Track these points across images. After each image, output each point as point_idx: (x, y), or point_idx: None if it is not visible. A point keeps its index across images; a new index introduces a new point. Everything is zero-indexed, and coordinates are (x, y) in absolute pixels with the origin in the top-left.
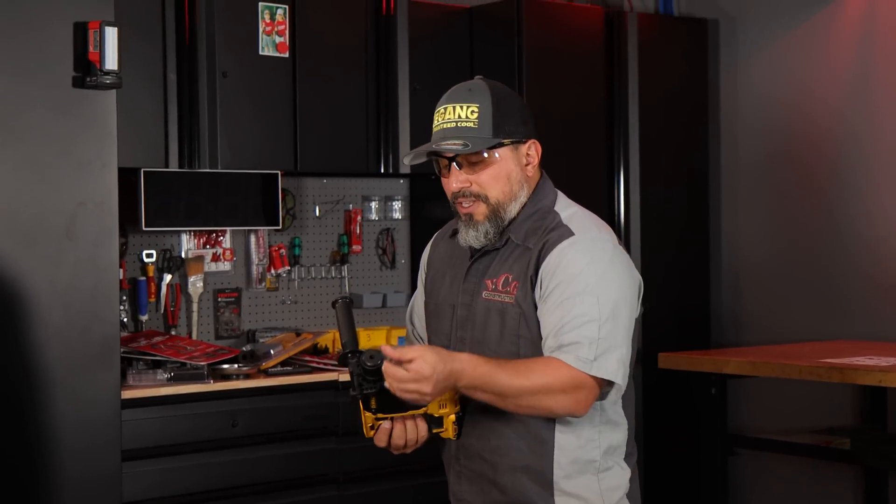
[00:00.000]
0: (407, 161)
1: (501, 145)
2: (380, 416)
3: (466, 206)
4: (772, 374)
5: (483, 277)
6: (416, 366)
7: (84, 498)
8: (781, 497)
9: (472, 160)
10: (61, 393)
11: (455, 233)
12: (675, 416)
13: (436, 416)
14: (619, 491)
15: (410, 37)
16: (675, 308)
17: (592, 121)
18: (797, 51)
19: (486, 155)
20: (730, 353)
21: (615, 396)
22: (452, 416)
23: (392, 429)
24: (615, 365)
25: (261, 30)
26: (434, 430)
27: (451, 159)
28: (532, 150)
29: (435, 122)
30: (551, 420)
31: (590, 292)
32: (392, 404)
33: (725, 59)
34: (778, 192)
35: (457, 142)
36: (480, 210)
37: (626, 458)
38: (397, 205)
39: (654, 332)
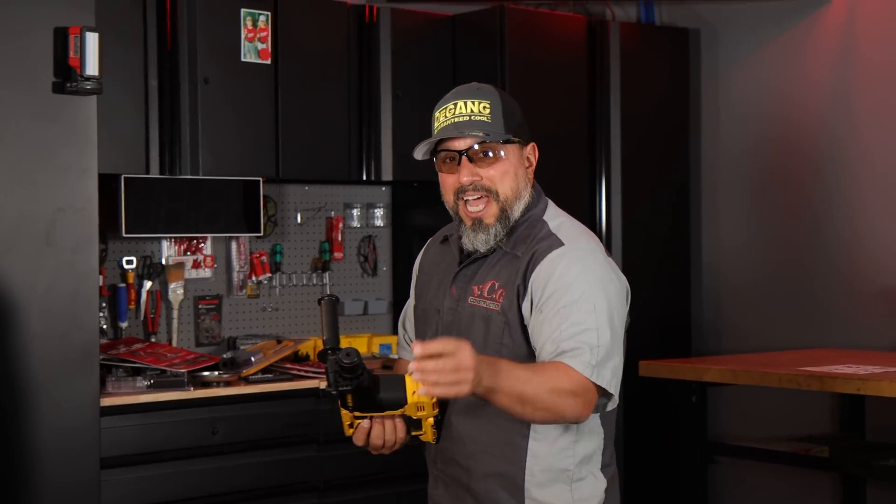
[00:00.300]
0: (419, 155)
1: (512, 142)
2: (357, 414)
3: (475, 207)
4: (751, 382)
5: (470, 283)
6: (461, 356)
7: None
8: None
9: (484, 154)
10: (40, 400)
11: (446, 239)
12: (655, 423)
13: (414, 418)
14: (592, 501)
15: (393, 44)
16: (656, 316)
17: (575, 130)
18: (778, 60)
19: (495, 154)
20: (710, 361)
21: (610, 407)
22: (431, 420)
23: (370, 428)
24: (610, 374)
25: (243, 36)
26: (413, 433)
27: (461, 153)
28: (532, 154)
29: (442, 118)
30: (526, 426)
31: (585, 300)
32: (368, 403)
33: (707, 68)
34: (759, 202)
35: (478, 131)
36: (491, 212)
37: (603, 469)
38: (379, 212)
39: (635, 341)
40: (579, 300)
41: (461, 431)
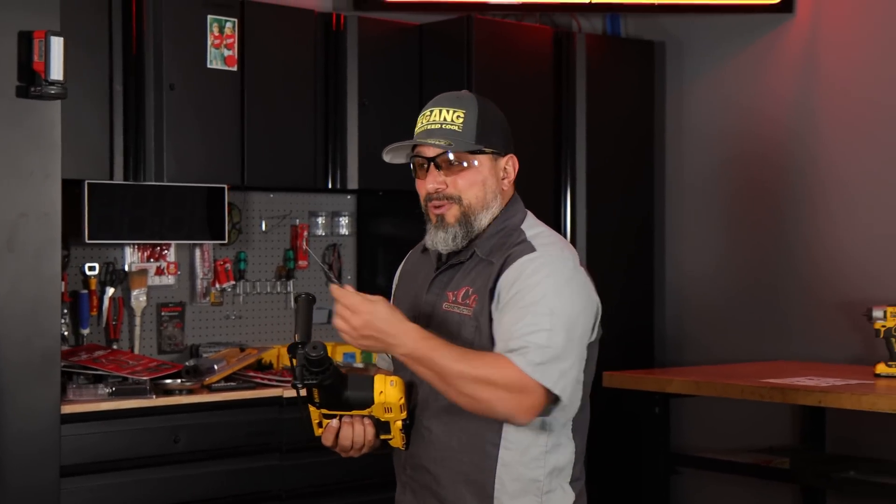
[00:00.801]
0: (387, 158)
1: (482, 152)
2: (325, 412)
3: (439, 206)
4: (714, 394)
5: (445, 289)
6: (361, 300)
7: None
8: None
9: (451, 162)
10: (0, 406)
11: (427, 248)
12: (618, 434)
13: (382, 420)
14: None
15: (360, 53)
16: (620, 328)
17: (541, 141)
18: (742, 74)
19: (452, 157)
20: (673, 372)
21: (562, 417)
22: (399, 423)
23: (339, 429)
24: (556, 375)
25: (209, 43)
26: (382, 437)
27: (430, 160)
28: (509, 166)
29: (419, 124)
30: (497, 435)
31: (545, 304)
32: (335, 401)
33: (672, 81)
34: (722, 216)
35: (441, 140)
36: (452, 212)
37: (572, 482)
38: (344, 220)
39: (599, 353)
40: (538, 302)
41: (432, 437)
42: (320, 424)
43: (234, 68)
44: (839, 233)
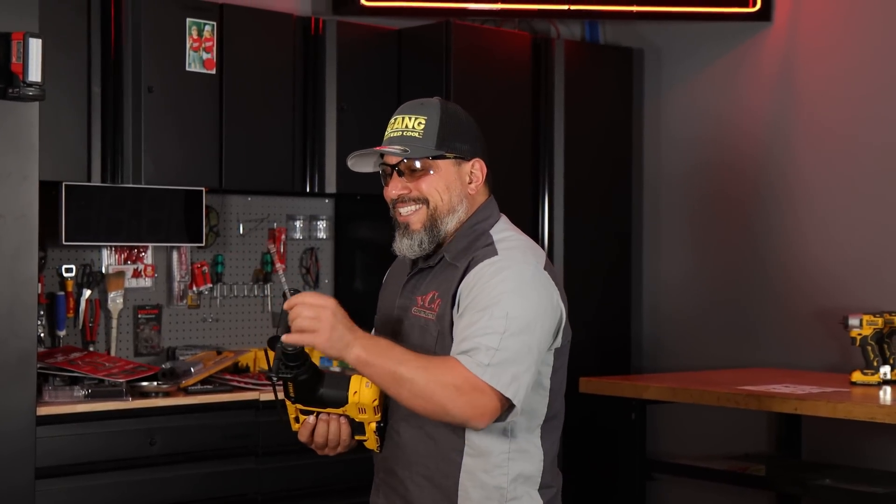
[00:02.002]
0: (350, 164)
1: (443, 157)
2: (301, 408)
3: (405, 212)
4: (690, 401)
5: (415, 294)
6: (324, 303)
7: None
8: None
9: (413, 168)
10: None
11: None
12: (594, 440)
13: (356, 420)
14: None
15: (339, 57)
16: (597, 334)
17: (518, 147)
18: (719, 82)
19: (417, 163)
20: (649, 378)
21: (524, 423)
22: (373, 425)
23: (315, 425)
24: (508, 378)
25: (188, 45)
26: (357, 437)
27: (393, 167)
28: (476, 169)
29: (385, 133)
30: (461, 441)
31: (500, 306)
32: (310, 397)
33: (650, 88)
34: (699, 224)
35: (398, 148)
36: (418, 218)
37: (542, 490)
38: (322, 224)
39: (575, 359)
40: (494, 305)
41: (401, 441)
42: (297, 420)
43: (213, 71)
44: (816, 241)
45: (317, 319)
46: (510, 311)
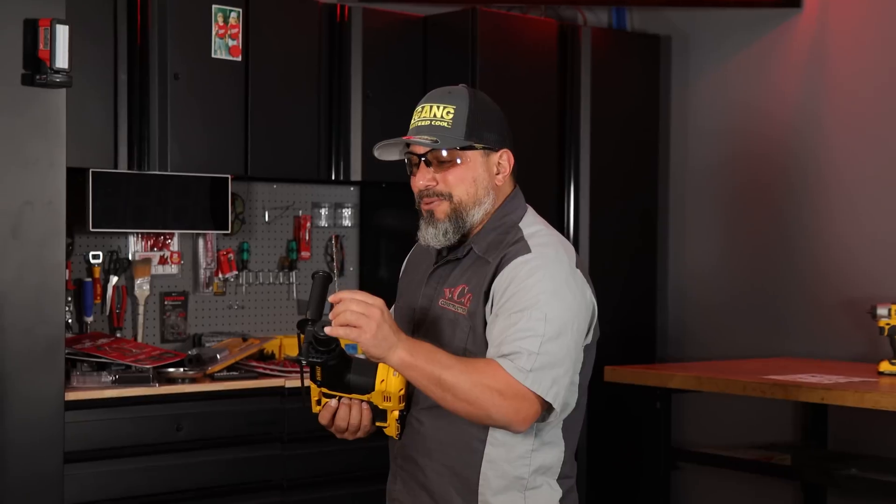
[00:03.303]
0: (376, 153)
1: (472, 148)
2: (325, 391)
3: (430, 203)
4: (716, 390)
5: (443, 285)
6: (374, 302)
7: (25, 499)
8: None
9: (441, 159)
10: (4, 393)
11: None
12: (619, 429)
13: (380, 407)
14: None
15: (364, 44)
16: (622, 323)
17: (544, 135)
18: (748, 70)
19: (444, 153)
20: (675, 368)
21: (554, 420)
22: (395, 413)
23: (337, 409)
24: (549, 382)
25: (214, 33)
26: (378, 424)
27: (420, 157)
28: (504, 160)
29: (412, 120)
30: (484, 431)
31: (538, 308)
32: (337, 382)
33: (677, 76)
34: (726, 212)
35: (427, 138)
36: (442, 208)
37: (560, 480)
38: (347, 212)
39: (600, 348)
40: (531, 307)
41: (423, 429)
42: (319, 402)
43: (239, 58)
44: (844, 230)
45: (365, 317)
46: (548, 314)
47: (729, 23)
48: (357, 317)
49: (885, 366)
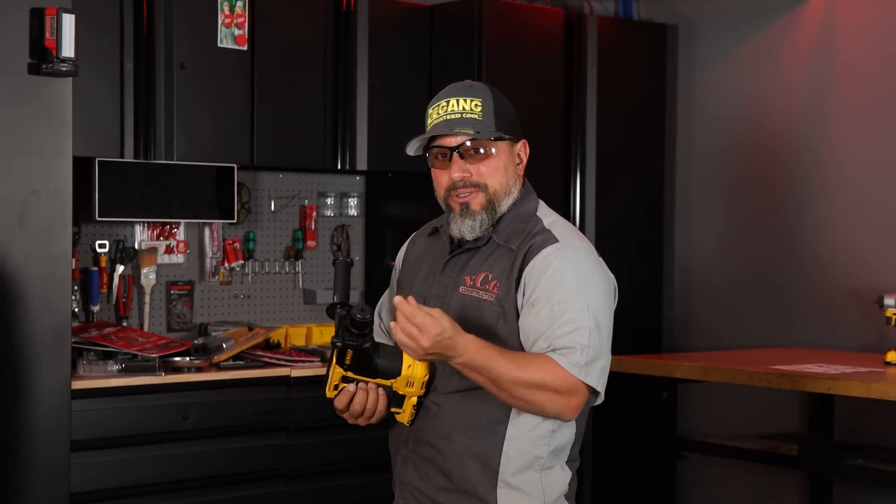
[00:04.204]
0: (411, 151)
1: (502, 139)
2: (348, 375)
3: (464, 195)
4: (722, 380)
5: (462, 273)
6: (430, 318)
7: (32, 487)
8: (728, 501)
9: (473, 151)
10: (11, 382)
11: (434, 231)
12: (624, 419)
13: (400, 392)
14: (557, 491)
15: (370, 33)
16: (628, 312)
17: (550, 124)
18: (755, 60)
19: (485, 150)
20: (681, 357)
21: (596, 403)
22: (414, 399)
23: (355, 394)
24: (598, 373)
25: (220, 22)
26: (392, 409)
27: (452, 149)
28: (522, 151)
29: (435, 115)
30: (506, 413)
31: (579, 299)
32: (365, 366)
33: (684, 65)
34: (732, 202)
35: (468, 129)
36: (478, 200)
37: (569, 462)
38: (353, 201)
39: None
40: (573, 298)
41: (440, 413)
42: (336, 387)
43: (245, 47)
44: (851, 219)
45: (417, 343)
46: (590, 304)
47: (736, 12)
48: (408, 339)
49: (892, 356)
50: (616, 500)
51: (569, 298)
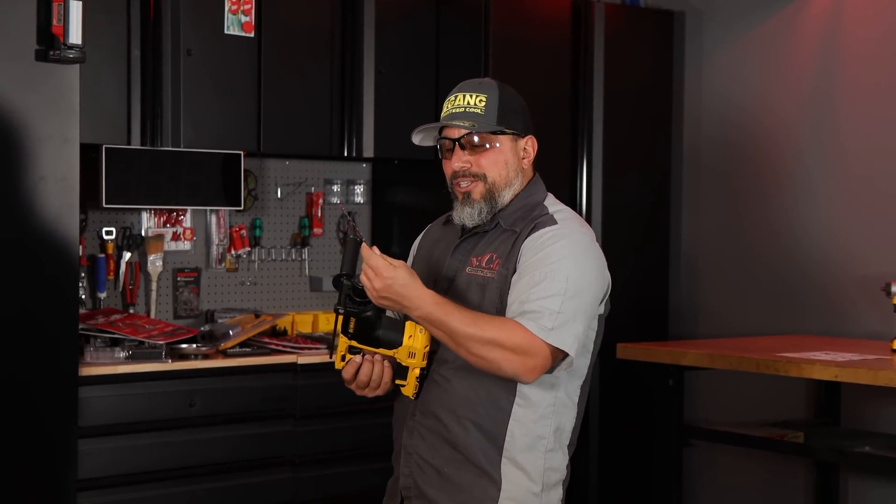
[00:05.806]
0: (416, 140)
1: (503, 133)
2: (353, 345)
3: (465, 185)
4: (729, 367)
5: (469, 255)
6: (385, 263)
7: (39, 474)
8: (735, 488)
9: (475, 143)
10: (19, 369)
11: (448, 220)
12: (631, 406)
13: (403, 364)
14: (558, 473)
15: (377, 20)
16: (634, 299)
17: (557, 111)
18: (761, 47)
19: (476, 138)
20: (687, 345)
21: (565, 377)
22: (417, 371)
23: (361, 364)
24: (571, 338)
25: (226, 8)
26: (397, 382)
27: (455, 141)
28: (529, 146)
29: (445, 109)
30: (513, 391)
31: (560, 271)
32: (367, 335)
33: (690, 52)
34: (739, 188)
35: (465, 122)
36: (478, 189)
37: (568, 446)
38: (359, 189)
39: (612, 324)
40: (555, 270)
41: (448, 387)
42: (343, 358)
43: (251, 34)
44: (858, 207)
45: (370, 284)
46: (569, 275)
47: (742, 0)
48: (370, 274)
49: None
50: (623, 487)
51: (551, 270)
